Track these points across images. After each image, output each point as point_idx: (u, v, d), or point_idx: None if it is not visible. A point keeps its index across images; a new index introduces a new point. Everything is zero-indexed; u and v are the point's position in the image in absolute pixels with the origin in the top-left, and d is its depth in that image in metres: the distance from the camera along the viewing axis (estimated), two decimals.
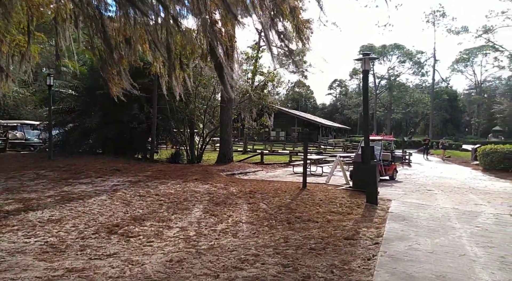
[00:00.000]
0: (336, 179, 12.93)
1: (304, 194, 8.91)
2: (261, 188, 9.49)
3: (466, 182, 14.31)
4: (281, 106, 76.68)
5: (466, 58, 72.36)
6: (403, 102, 67.41)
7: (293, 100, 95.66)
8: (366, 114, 8.20)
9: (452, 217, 7.22)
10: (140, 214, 6.72)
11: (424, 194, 10.44)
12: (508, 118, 32.69)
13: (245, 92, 15.48)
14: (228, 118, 14.89)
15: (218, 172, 12.33)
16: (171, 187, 9.11)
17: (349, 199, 8.49)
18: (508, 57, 41.91)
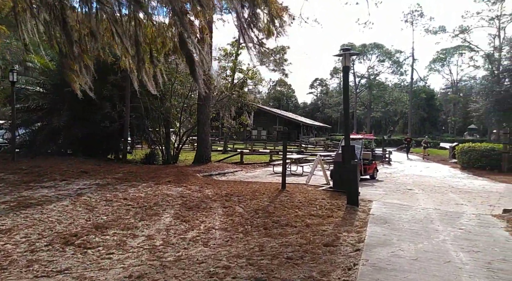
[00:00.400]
0: (316, 178, 12.63)
1: (283, 196, 8.52)
2: (238, 190, 9.04)
3: (446, 180, 14.30)
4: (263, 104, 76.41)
5: (442, 58, 73.99)
6: (382, 101, 68.34)
7: (274, 99, 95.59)
8: (347, 112, 7.88)
9: (435, 218, 6.97)
10: (103, 221, 6.15)
11: (405, 194, 10.25)
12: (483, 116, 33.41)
13: (224, 89, 14.96)
14: (206, 117, 14.35)
15: (194, 173, 11.79)
16: (141, 190, 8.54)
17: (329, 201, 8.15)
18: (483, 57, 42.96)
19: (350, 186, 7.81)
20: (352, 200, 7.81)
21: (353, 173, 7.82)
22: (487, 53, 40.83)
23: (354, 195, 7.80)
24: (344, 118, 7.85)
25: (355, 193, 7.81)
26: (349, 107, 7.81)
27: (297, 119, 52.84)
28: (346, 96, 7.87)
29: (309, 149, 30.38)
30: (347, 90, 7.86)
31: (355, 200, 7.81)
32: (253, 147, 27.29)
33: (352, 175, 7.80)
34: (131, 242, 5.18)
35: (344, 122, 7.86)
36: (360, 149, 13.71)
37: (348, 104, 7.90)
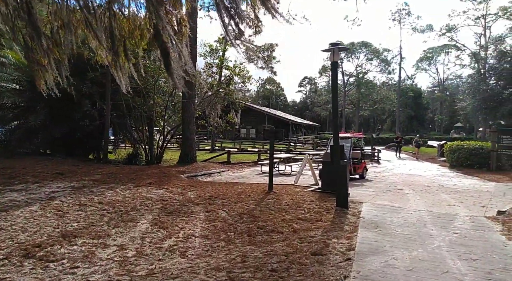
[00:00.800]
0: (305, 178, 12.29)
1: (270, 198, 8.11)
2: (223, 192, 8.60)
3: (435, 179, 14.10)
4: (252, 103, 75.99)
5: (429, 57, 74.68)
6: (370, 99, 68.56)
7: (264, 97, 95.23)
8: (336, 110, 7.50)
9: (428, 222, 6.65)
10: (73, 228, 5.64)
11: (396, 195, 9.96)
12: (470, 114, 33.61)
13: (209, 87, 14.47)
14: (190, 115, 13.84)
15: (177, 174, 11.30)
16: (119, 193, 8.03)
17: (318, 203, 7.77)
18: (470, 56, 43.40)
19: (340, 187, 7.44)
20: (341, 203, 7.45)
21: (342, 174, 7.45)
22: (474, 52, 41.22)
23: (344, 197, 7.44)
24: (333, 116, 7.47)
25: (344, 195, 7.44)
26: (338, 105, 7.44)
27: (286, 117, 52.57)
28: (335, 94, 7.50)
29: (298, 148, 30.07)
30: (336, 87, 7.48)
31: (345, 203, 7.45)
32: (241, 146, 26.83)
33: (341, 176, 7.44)
34: (100, 253, 4.69)
35: (333, 120, 7.48)
36: (349, 148, 13.42)
37: (337, 101, 7.53)
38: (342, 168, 7.48)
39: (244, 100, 22.86)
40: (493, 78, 32.12)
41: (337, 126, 7.49)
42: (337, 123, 7.49)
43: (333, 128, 7.51)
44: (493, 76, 32.08)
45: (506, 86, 29.64)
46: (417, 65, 77.50)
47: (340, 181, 7.44)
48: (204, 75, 15.12)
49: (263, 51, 27.61)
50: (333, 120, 7.47)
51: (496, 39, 35.44)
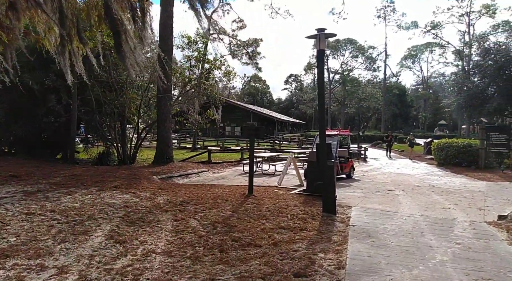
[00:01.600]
0: (289, 179, 11.54)
1: (250, 203, 7.27)
2: (197, 196, 7.72)
3: (425, 179, 13.54)
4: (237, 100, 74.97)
5: (413, 55, 75.14)
6: (356, 97, 68.50)
7: (249, 94, 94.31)
8: (322, 105, 6.70)
9: (425, 229, 5.94)
10: (8, 245, 4.67)
11: (386, 196, 9.27)
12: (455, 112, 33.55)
13: (187, 81, 13.50)
14: (166, 111, 12.86)
15: (149, 176, 10.34)
16: (77, 199, 7.05)
17: (302, 208, 6.98)
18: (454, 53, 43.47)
19: (326, 191, 6.66)
20: (328, 208, 6.67)
21: (329, 176, 6.68)
22: (458, 49, 41.32)
23: (331, 202, 6.67)
24: (319, 112, 6.67)
25: (331, 199, 6.67)
26: (324, 100, 6.64)
27: (271, 115, 51.81)
28: (322, 87, 6.70)
29: (283, 146, 29.34)
30: (323, 80, 6.68)
31: (332, 208, 6.67)
32: (224, 144, 25.91)
33: (328, 178, 6.66)
34: (31, 280, 3.76)
35: (320, 116, 6.70)
36: (335, 146, 12.71)
37: (323, 96, 6.73)
38: (329, 169, 6.70)
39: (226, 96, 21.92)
40: (477, 75, 32.08)
41: (323, 122, 6.70)
42: (323, 119, 6.70)
43: (319, 125, 6.73)
44: (477, 74, 32.02)
45: (490, 83, 29.59)
46: (401, 63, 77.98)
47: (326, 183, 6.65)
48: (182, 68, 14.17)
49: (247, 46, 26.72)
50: (319, 116, 6.68)
51: (480, 36, 35.47)
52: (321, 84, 6.65)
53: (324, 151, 6.65)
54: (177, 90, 14.15)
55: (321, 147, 6.66)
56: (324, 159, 6.64)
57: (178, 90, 13.95)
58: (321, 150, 6.70)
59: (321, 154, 6.67)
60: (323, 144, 6.65)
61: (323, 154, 6.64)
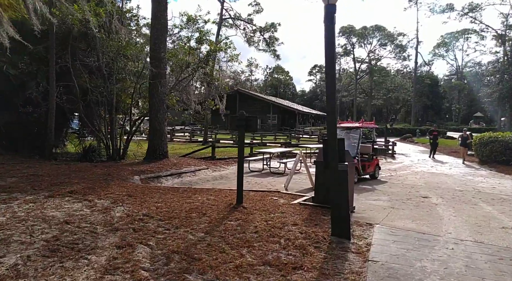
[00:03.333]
0: (301, 180, 9.68)
1: (234, 219, 5.42)
2: (170, 207, 5.94)
3: (467, 180, 11.21)
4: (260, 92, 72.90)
5: (447, 42, 70.19)
6: (384, 87, 64.66)
7: (272, 86, 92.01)
8: (332, 80, 4.67)
9: (486, 271, 3.88)
10: None
11: (421, 207, 7.17)
12: (495, 102, 30.11)
13: (186, 65, 11.74)
14: (159, 100, 11.16)
15: (129, 176, 8.68)
16: (10, 210, 5.43)
17: (304, 228, 5.04)
18: (495, 37, 39.40)
19: (337, 206, 4.69)
20: (338, 230, 4.71)
21: (340, 185, 4.69)
22: (500, 34, 37.31)
23: (343, 222, 4.70)
24: (327, 89, 4.66)
25: (344, 218, 4.70)
26: (335, 70, 4.61)
27: (292, 107, 49.58)
28: (331, 55, 4.66)
29: (303, 140, 27.24)
30: (333, 44, 4.63)
31: (344, 230, 4.71)
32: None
33: (337, 188, 4.68)
34: None
35: (327, 98, 4.68)
36: (357, 141, 10.65)
37: (333, 66, 4.67)
38: (340, 175, 4.71)
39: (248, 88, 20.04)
40: None
41: (333, 106, 4.67)
42: (333, 100, 4.67)
43: (328, 110, 4.72)
44: None
45: None
46: (433, 51, 73.09)
47: (336, 196, 4.68)
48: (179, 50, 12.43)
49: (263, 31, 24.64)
50: (327, 98, 4.68)
51: None
52: (330, 52, 4.62)
53: (334, 148, 4.66)
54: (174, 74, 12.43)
55: (330, 142, 4.68)
56: (333, 160, 4.66)
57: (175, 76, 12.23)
58: (329, 148, 4.73)
59: (329, 153, 4.70)
60: (333, 137, 4.67)
61: (331, 153, 4.67)
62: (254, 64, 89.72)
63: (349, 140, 11.17)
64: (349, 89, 70.88)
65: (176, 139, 26.89)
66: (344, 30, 61.43)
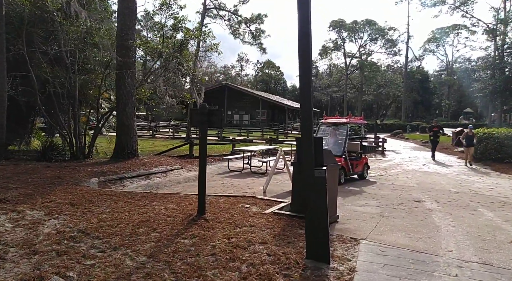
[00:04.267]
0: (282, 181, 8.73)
1: (190, 236, 4.43)
2: (115, 220, 4.92)
3: (462, 180, 10.40)
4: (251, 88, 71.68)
5: (438, 38, 69.74)
6: (374, 82, 63.96)
7: (262, 81, 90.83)
8: (307, 58, 3.67)
9: None
10: None
11: (414, 214, 6.28)
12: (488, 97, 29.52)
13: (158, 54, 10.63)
14: (127, 93, 10.07)
15: (84, 178, 7.62)
16: None
17: (274, 248, 4.08)
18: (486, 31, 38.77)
19: (313, 223, 3.73)
20: (315, 251, 3.76)
21: (317, 197, 3.73)
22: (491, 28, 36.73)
23: (320, 243, 3.73)
24: (300, 69, 3.65)
25: (321, 238, 3.73)
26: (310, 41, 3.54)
27: (282, 102, 48.60)
28: (305, 18, 3.67)
29: (292, 136, 26.30)
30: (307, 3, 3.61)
31: (322, 253, 3.75)
32: (223, 134, 23.09)
33: (315, 200, 3.72)
34: None
35: (301, 78, 3.63)
36: (344, 138, 9.75)
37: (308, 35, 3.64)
38: (317, 183, 3.74)
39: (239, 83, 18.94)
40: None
41: (308, 93, 3.66)
42: (308, 86, 3.66)
43: (301, 100, 3.69)
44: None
45: None
46: (424, 46, 72.55)
47: (313, 210, 3.72)
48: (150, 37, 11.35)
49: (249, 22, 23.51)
50: (300, 78, 3.66)
51: None
52: (304, 13, 3.61)
53: (310, 149, 3.69)
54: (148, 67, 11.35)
55: (304, 142, 3.71)
56: (308, 164, 3.69)
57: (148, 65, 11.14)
58: (303, 148, 3.76)
59: (304, 155, 3.73)
60: (307, 136, 3.69)
61: (306, 155, 3.70)
62: (244, 59, 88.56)
63: (335, 137, 10.27)
64: (339, 84, 70.10)
65: (158, 136, 25.74)
66: (335, 24, 60.46)
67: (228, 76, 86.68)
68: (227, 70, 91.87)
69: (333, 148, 9.98)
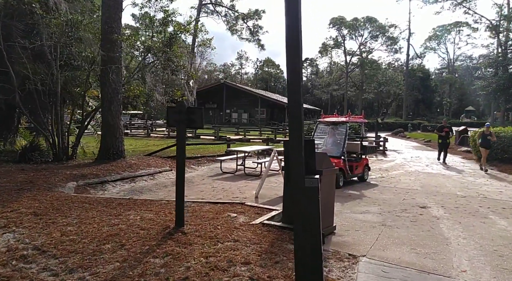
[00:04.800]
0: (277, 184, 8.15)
1: (162, 254, 3.82)
2: (81, 233, 4.33)
3: (468, 183, 9.78)
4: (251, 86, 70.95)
5: (439, 35, 68.98)
6: (375, 81, 63.20)
7: (262, 80, 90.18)
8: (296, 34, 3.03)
9: None
10: None
11: (419, 223, 5.67)
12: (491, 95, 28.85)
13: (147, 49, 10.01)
14: (112, 90, 9.44)
15: (60, 182, 7.01)
16: None
17: (258, 271, 3.48)
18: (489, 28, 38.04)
19: (302, 245, 3.12)
20: (305, 277, 3.14)
21: (308, 211, 3.11)
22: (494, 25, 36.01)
23: (312, 267, 3.12)
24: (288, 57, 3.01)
25: (313, 261, 3.11)
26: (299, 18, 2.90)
27: (281, 101, 47.86)
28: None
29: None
30: None
31: (314, 278, 3.13)
32: (219, 133, 22.47)
33: (305, 215, 3.11)
34: None
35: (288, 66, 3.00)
36: (343, 138, 9.15)
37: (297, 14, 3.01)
38: (308, 194, 3.13)
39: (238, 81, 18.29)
40: None
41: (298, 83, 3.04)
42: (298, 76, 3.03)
43: (288, 86, 3.05)
44: None
45: None
46: (425, 44, 71.79)
47: (303, 226, 3.11)
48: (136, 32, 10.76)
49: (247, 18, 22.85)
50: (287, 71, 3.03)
51: None
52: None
53: (299, 154, 3.08)
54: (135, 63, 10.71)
55: (293, 146, 3.10)
56: (296, 171, 3.09)
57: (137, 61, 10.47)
58: (291, 153, 3.15)
59: (292, 161, 3.12)
60: (297, 139, 3.08)
61: (295, 161, 3.09)
62: (244, 57, 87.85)
63: (334, 137, 9.67)
64: (340, 82, 69.36)
65: (154, 135, 25.14)
66: (335, 21, 59.69)
67: (227, 75, 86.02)
68: (227, 69, 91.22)
69: (331, 149, 9.41)
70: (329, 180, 4.86)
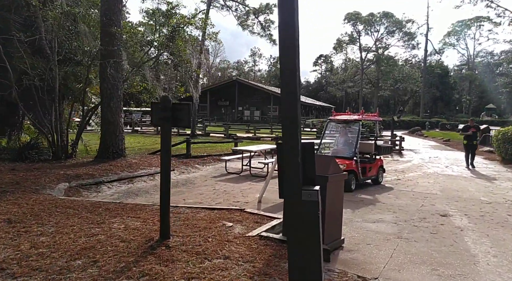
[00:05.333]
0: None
1: (138, 273, 3.29)
2: (53, 246, 3.84)
3: (493, 187, 8.97)
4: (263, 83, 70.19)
5: (458, 31, 66.67)
6: (391, 77, 61.56)
7: (275, 77, 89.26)
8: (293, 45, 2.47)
9: None
10: None
11: (440, 235, 5.00)
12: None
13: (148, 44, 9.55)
14: (112, 86, 9.01)
15: (51, 183, 6.60)
16: None
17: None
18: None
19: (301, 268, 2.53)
20: None
21: (305, 231, 2.52)
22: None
23: None
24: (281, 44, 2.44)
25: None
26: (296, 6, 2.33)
27: None
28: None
29: (303, 133, 24.98)
30: None
31: None
32: (229, 131, 21.96)
33: (302, 235, 2.52)
34: None
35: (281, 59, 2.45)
36: (356, 137, 8.49)
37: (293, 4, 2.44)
38: (306, 210, 2.54)
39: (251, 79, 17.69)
40: None
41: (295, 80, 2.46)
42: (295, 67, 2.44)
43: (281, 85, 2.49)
44: None
45: None
46: (444, 40, 69.46)
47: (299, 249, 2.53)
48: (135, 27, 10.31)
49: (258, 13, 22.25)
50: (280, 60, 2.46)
51: None
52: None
53: (295, 162, 2.50)
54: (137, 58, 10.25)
55: (287, 148, 2.52)
56: (291, 180, 2.51)
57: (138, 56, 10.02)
58: (286, 157, 2.56)
59: (287, 167, 2.53)
60: (293, 140, 2.50)
61: (290, 167, 2.51)
62: (257, 54, 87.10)
63: (346, 136, 9.02)
64: (355, 79, 67.90)
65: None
66: (350, 16, 58.33)
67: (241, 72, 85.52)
68: (240, 66, 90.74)
69: (342, 149, 8.76)
70: (336, 187, 4.25)
